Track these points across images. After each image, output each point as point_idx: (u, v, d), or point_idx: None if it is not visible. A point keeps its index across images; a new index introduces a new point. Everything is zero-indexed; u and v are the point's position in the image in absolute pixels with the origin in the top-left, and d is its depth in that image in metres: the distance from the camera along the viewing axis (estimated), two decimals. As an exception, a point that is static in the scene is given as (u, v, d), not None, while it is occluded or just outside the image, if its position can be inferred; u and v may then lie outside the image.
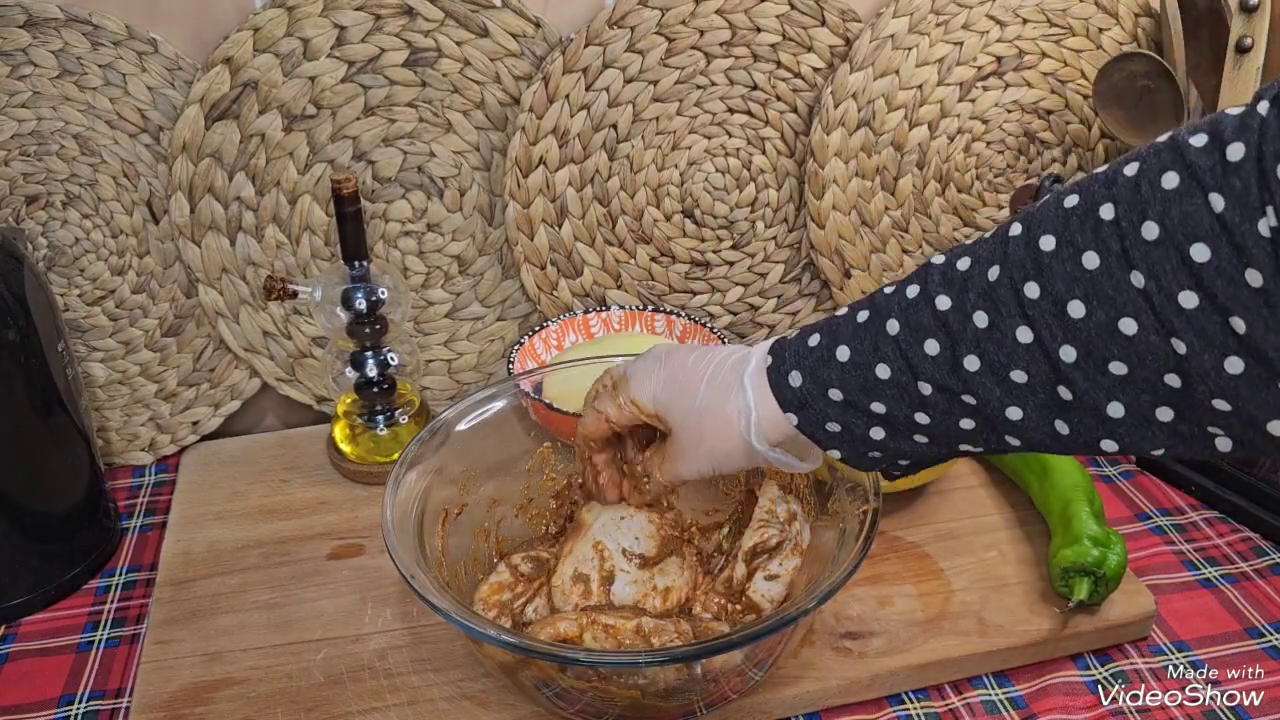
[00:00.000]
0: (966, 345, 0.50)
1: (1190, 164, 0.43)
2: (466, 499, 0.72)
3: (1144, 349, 0.45)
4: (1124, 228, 0.45)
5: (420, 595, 0.59)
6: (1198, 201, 0.43)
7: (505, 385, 0.78)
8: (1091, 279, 0.46)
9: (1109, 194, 0.46)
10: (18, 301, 0.73)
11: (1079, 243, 0.46)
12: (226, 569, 0.79)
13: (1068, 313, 0.47)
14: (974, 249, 0.51)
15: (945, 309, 0.50)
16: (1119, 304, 0.45)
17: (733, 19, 0.90)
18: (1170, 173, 0.44)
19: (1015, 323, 0.48)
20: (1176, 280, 0.44)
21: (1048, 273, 0.47)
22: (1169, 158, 0.45)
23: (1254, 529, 0.83)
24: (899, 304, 0.53)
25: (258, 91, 0.85)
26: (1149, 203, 0.44)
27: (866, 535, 0.61)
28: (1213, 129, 0.44)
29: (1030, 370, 0.49)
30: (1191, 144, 0.44)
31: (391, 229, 0.93)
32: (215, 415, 0.95)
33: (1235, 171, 0.42)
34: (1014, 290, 0.48)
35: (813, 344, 0.56)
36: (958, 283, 0.50)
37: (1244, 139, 0.42)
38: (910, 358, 0.52)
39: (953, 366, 0.50)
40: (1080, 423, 0.49)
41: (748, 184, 0.97)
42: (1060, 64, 0.97)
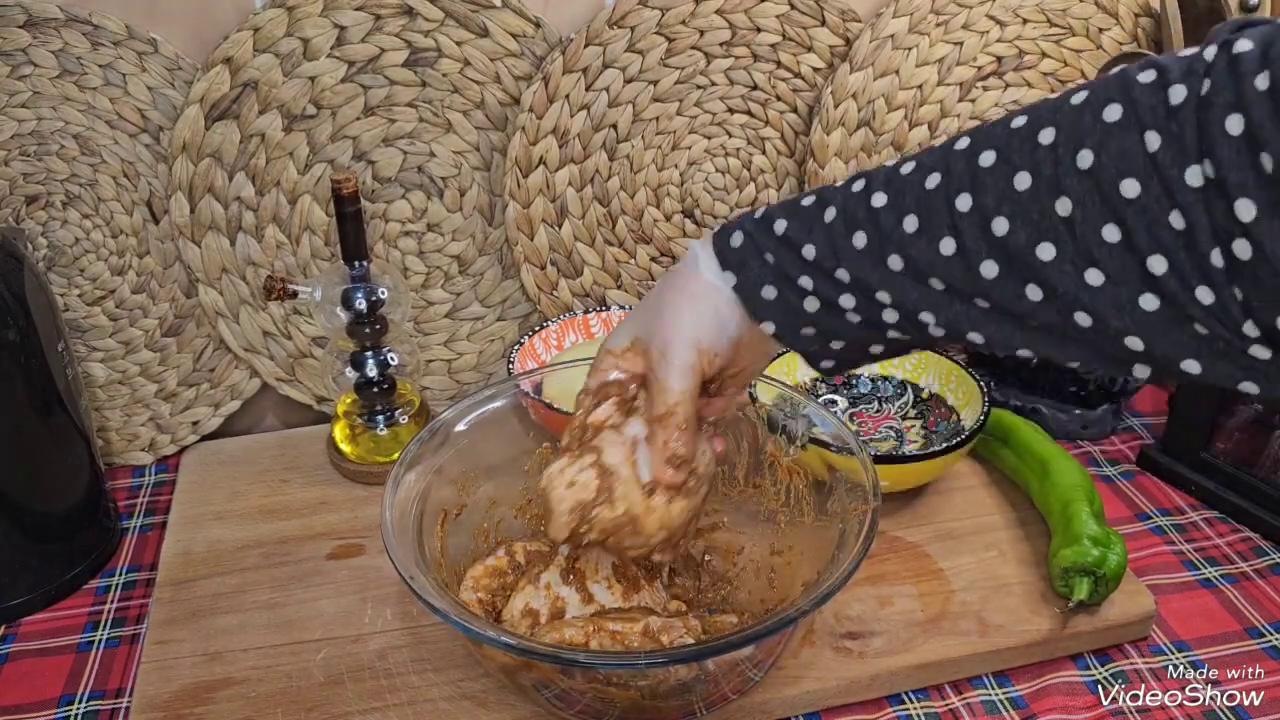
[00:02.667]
0: (893, 244, 0.51)
1: (1134, 100, 0.44)
2: (466, 499, 0.72)
3: (1058, 277, 0.46)
4: (1060, 154, 0.45)
5: (420, 596, 0.59)
6: (1134, 138, 0.43)
7: (505, 385, 0.78)
8: (1019, 199, 0.47)
9: (1052, 119, 0.46)
10: (18, 301, 0.73)
11: (1015, 161, 0.47)
12: (226, 569, 0.79)
13: (992, 229, 0.47)
14: (922, 155, 0.52)
15: (879, 206, 0.51)
16: (1041, 228, 0.46)
17: (733, 19, 0.90)
18: (1114, 105, 0.44)
19: (942, 232, 0.49)
20: (1101, 213, 0.44)
21: (980, 187, 0.48)
22: (1115, 90, 0.45)
23: (1254, 529, 0.83)
24: (842, 194, 0.54)
25: (258, 91, 0.85)
26: (1088, 132, 0.45)
27: (866, 535, 0.61)
28: (1160, 68, 0.44)
29: (949, 279, 0.49)
30: (1139, 80, 0.44)
31: (391, 229, 0.93)
32: (215, 415, 0.95)
33: (1174, 115, 0.43)
34: (947, 200, 0.49)
35: (758, 215, 0.56)
36: (896, 184, 0.51)
37: (1187, 83, 0.43)
38: (837, 245, 0.53)
39: (875, 262, 0.52)
40: (998, 331, 0.50)
41: (748, 184, 0.97)
42: (1060, 64, 0.97)
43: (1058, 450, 0.82)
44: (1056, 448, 0.83)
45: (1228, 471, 0.85)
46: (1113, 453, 0.93)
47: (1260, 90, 0.40)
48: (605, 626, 0.62)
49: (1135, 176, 0.43)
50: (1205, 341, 0.44)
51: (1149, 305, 0.44)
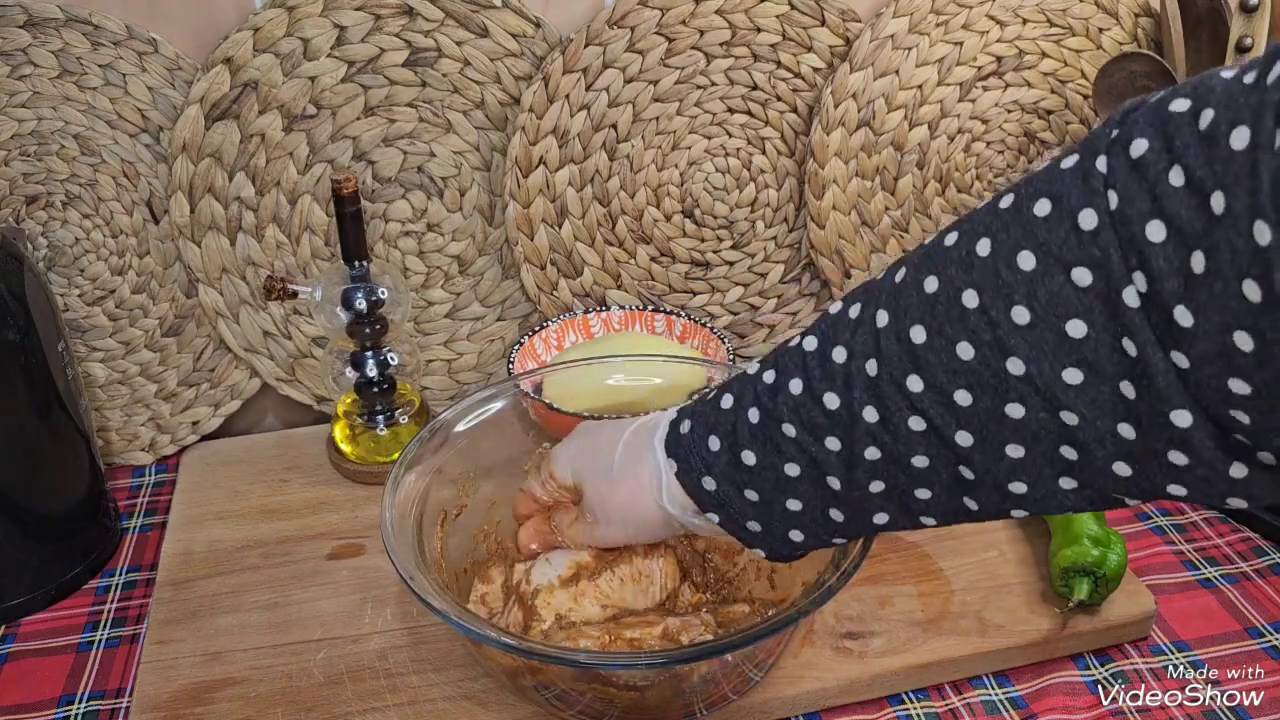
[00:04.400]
0: (864, 440, 0.50)
1: (1043, 242, 0.43)
2: (465, 500, 0.72)
3: (1036, 427, 0.45)
4: (993, 316, 0.44)
5: (420, 597, 0.59)
6: (1060, 280, 0.42)
7: (505, 385, 0.78)
8: (970, 369, 0.45)
9: (969, 279, 0.45)
10: (18, 301, 0.73)
11: (949, 334, 0.46)
12: (226, 569, 0.79)
13: (955, 402, 0.46)
14: (845, 337, 0.50)
15: (835, 408, 0.50)
16: (1002, 390, 0.45)
17: (733, 19, 0.90)
18: (1025, 252, 0.43)
19: (906, 414, 0.48)
20: (1057, 360, 0.43)
21: (926, 366, 0.47)
22: (1019, 234, 0.43)
23: (1254, 529, 0.83)
24: (788, 404, 0.52)
25: (258, 91, 0.85)
26: (1013, 287, 0.43)
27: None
28: (1052, 196, 0.43)
29: (930, 455, 0.49)
30: (1037, 215, 0.43)
31: (391, 229, 0.93)
32: (215, 415, 0.95)
33: (1093, 240, 0.41)
34: (897, 385, 0.48)
35: (714, 448, 0.55)
36: (840, 378, 0.50)
37: (1092, 204, 0.41)
38: (815, 455, 0.52)
39: (853, 461, 0.50)
40: (988, 498, 0.49)
41: (748, 184, 0.97)
42: (1060, 64, 0.97)
43: (1058, 450, 0.82)
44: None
45: (1228, 471, 0.85)
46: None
47: (1177, 187, 0.38)
48: (622, 635, 0.62)
49: (1077, 316, 0.42)
50: (1185, 468, 0.43)
51: (1128, 434, 0.43)
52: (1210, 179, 0.37)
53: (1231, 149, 0.37)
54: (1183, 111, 0.39)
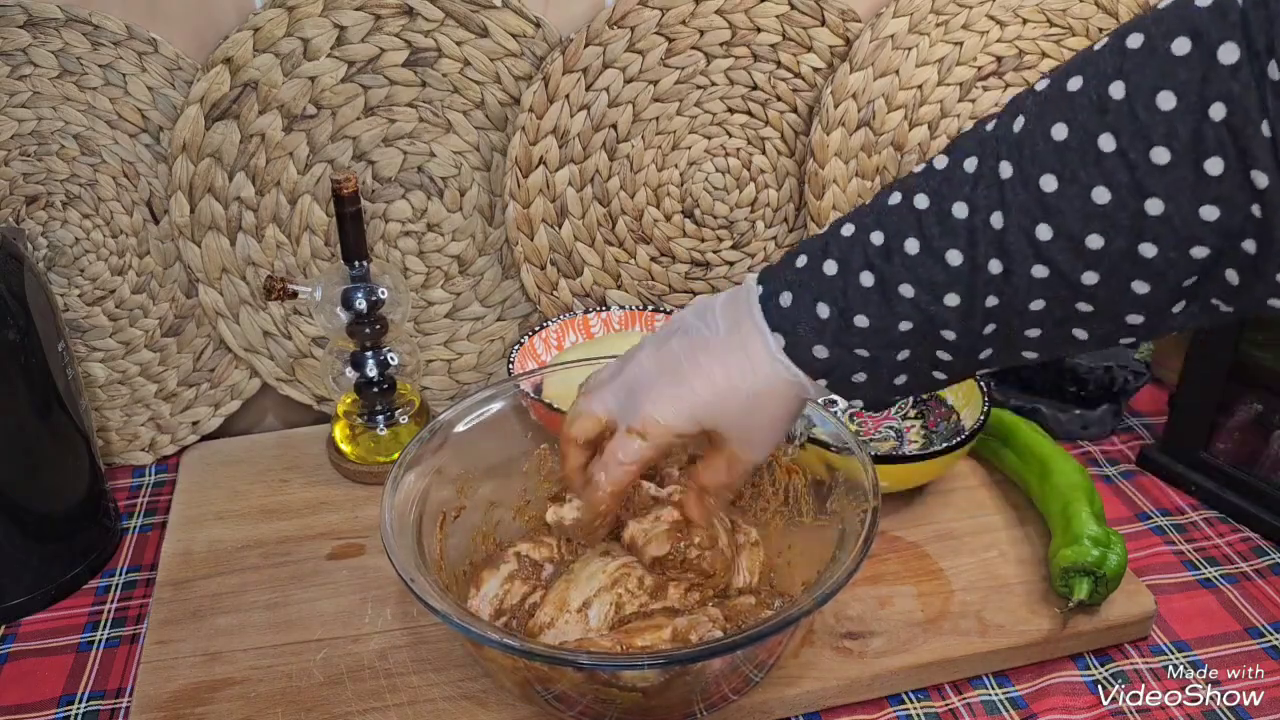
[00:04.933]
0: (983, 291, 0.50)
1: (1183, 82, 0.43)
2: (465, 501, 0.72)
3: (1165, 265, 0.46)
4: (1132, 158, 0.44)
5: (420, 598, 0.58)
6: (1197, 117, 0.43)
7: (505, 385, 0.77)
8: (1105, 213, 0.45)
9: (1104, 122, 0.45)
10: (18, 301, 0.73)
11: (1084, 179, 0.46)
12: (226, 569, 0.79)
13: (1086, 246, 0.46)
14: (965, 191, 0.49)
15: (958, 264, 0.50)
16: (1137, 231, 0.45)
17: (733, 19, 0.90)
18: (1165, 92, 0.43)
19: (1031, 264, 0.48)
20: (1195, 197, 0.44)
21: (1056, 214, 0.47)
22: (1157, 74, 0.44)
23: (1254, 529, 0.83)
24: (904, 264, 0.51)
25: (258, 91, 0.85)
26: (1151, 128, 0.44)
27: (866, 535, 0.61)
28: (1192, 31, 0.43)
29: (1049, 297, 0.49)
30: (1175, 54, 0.43)
31: (391, 229, 0.93)
32: (215, 415, 0.95)
33: (1232, 76, 0.42)
34: (1025, 236, 0.48)
35: (825, 315, 0.54)
36: (963, 234, 0.49)
37: (1232, 38, 0.42)
38: (932, 313, 0.51)
39: (971, 312, 0.51)
40: (1100, 328, 0.50)
41: (748, 184, 0.97)
42: (1060, 64, 0.96)
43: (1058, 450, 0.82)
44: (1056, 448, 0.83)
45: (1228, 471, 0.85)
46: (1113, 453, 0.93)
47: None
48: (633, 644, 0.62)
49: (1216, 154, 0.43)
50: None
51: (1249, 248, 0.44)
52: None
53: None
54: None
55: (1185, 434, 0.87)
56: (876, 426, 0.92)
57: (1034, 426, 0.87)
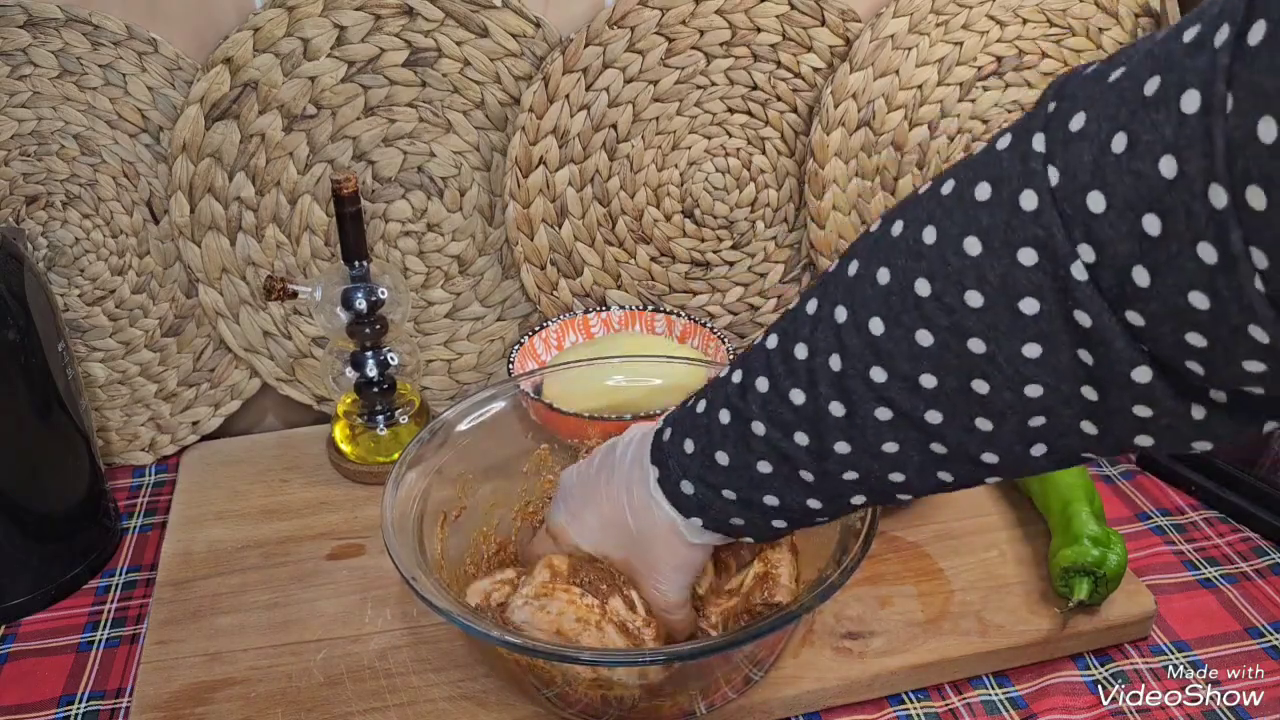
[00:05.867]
0: (833, 433, 0.51)
1: (987, 227, 0.43)
2: (466, 500, 0.72)
3: (1002, 403, 0.46)
4: (947, 301, 0.45)
5: (422, 598, 0.59)
6: (1007, 261, 0.43)
7: (505, 385, 0.78)
8: (932, 354, 0.46)
9: (920, 268, 0.46)
10: (18, 301, 0.73)
11: (907, 323, 0.46)
12: (226, 569, 0.79)
13: (921, 385, 0.47)
14: (805, 335, 0.51)
15: (801, 403, 0.51)
16: (966, 369, 0.46)
17: (733, 19, 0.90)
18: (970, 238, 0.44)
19: (872, 405, 0.49)
20: (1014, 337, 0.44)
21: (887, 357, 0.48)
22: (963, 220, 0.44)
23: (1254, 529, 0.83)
24: (756, 402, 0.53)
25: (258, 91, 0.85)
26: (962, 272, 0.44)
27: (866, 535, 0.61)
28: (992, 177, 0.43)
29: (900, 439, 0.49)
30: (978, 199, 0.44)
31: (391, 229, 0.93)
32: (215, 415, 0.95)
33: (1034, 221, 0.41)
34: (861, 378, 0.49)
35: (689, 450, 0.57)
36: (803, 374, 0.51)
37: (1032, 185, 0.42)
38: (785, 451, 0.53)
39: (824, 453, 0.51)
40: (961, 470, 0.50)
41: (748, 184, 0.97)
42: (1060, 64, 0.97)
43: (1058, 450, 0.82)
44: (1056, 448, 0.83)
45: (1228, 471, 0.85)
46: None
47: (1119, 154, 0.39)
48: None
49: (1028, 295, 0.43)
50: (1150, 419, 0.44)
51: (1091, 396, 0.44)
52: (1159, 143, 0.37)
53: (1183, 113, 0.36)
54: (1120, 78, 0.40)
55: (1185, 434, 0.87)
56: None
57: (1034, 426, 0.87)
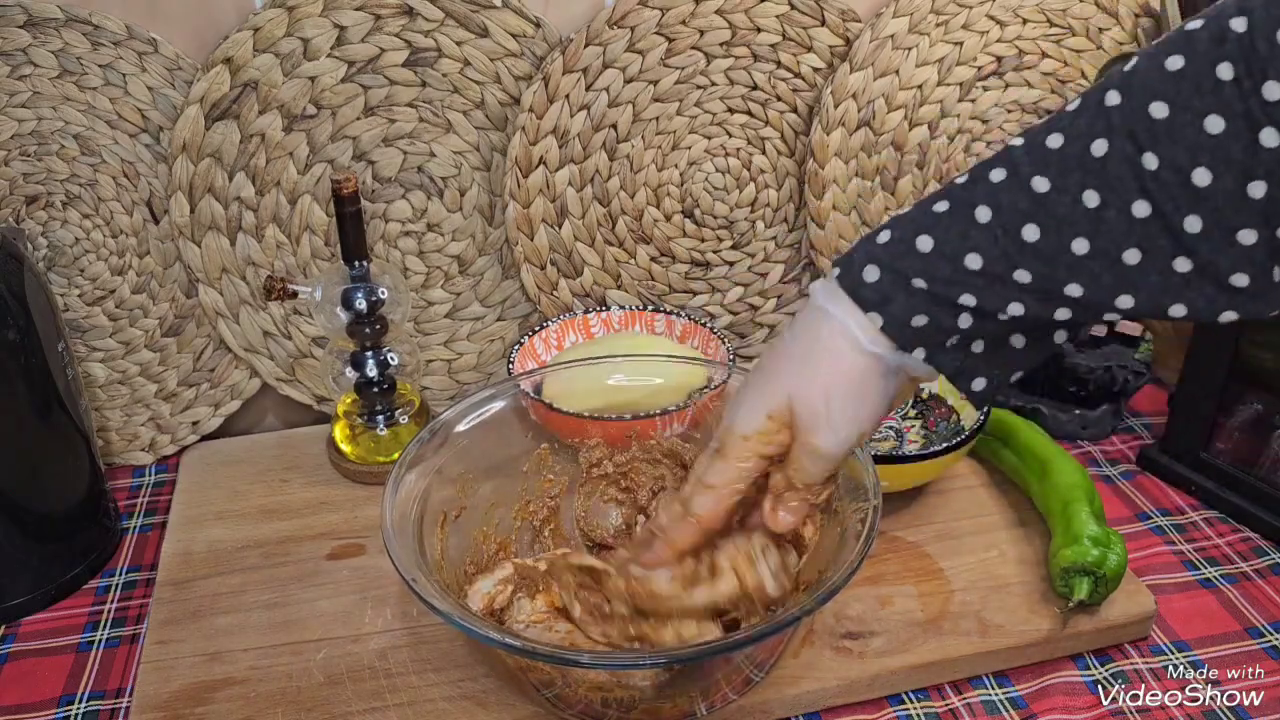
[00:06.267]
0: (1074, 227, 0.47)
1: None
2: (466, 500, 0.72)
3: (1270, 207, 0.44)
4: (1246, 87, 0.43)
5: (422, 598, 0.58)
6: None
7: (505, 385, 0.78)
8: (1218, 143, 0.44)
9: (1222, 52, 0.44)
10: (18, 301, 0.73)
11: (1197, 106, 0.44)
12: (226, 569, 0.79)
13: (1192, 181, 0.45)
14: (1063, 125, 0.48)
15: (1044, 190, 0.47)
16: (1250, 167, 0.44)
17: (733, 19, 0.90)
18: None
19: (1132, 197, 0.46)
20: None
21: (1165, 141, 0.45)
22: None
23: (1254, 529, 0.83)
24: (987, 188, 0.49)
25: (258, 91, 0.85)
26: (1269, 60, 0.43)
27: (866, 535, 0.61)
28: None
29: (1145, 247, 0.46)
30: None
31: (391, 229, 0.93)
32: (215, 415, 0.95)
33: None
34: (1129, 162, 0.46)
35: (883, 240, 0.51)
36: (1054, 162, 0.47)
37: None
38: (1007, 246, 0.48)
39: (1057, 250, 0.47)
40: (1203, 295, 0.47)
41: (748, 184, 0.97)
42: (1060, 64, 0.97)
43: (1058, 450, 0.82)
44: (1056, 448, 0.83)
45: (1228, 471, 0.85)
46: (1113, 453, 0.93)
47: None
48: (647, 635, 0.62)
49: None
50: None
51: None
52: None
53: None
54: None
55: (1185, 434, 0.87)
56: (876, 426, 0.91)
57: (1034, 426, 0.87)
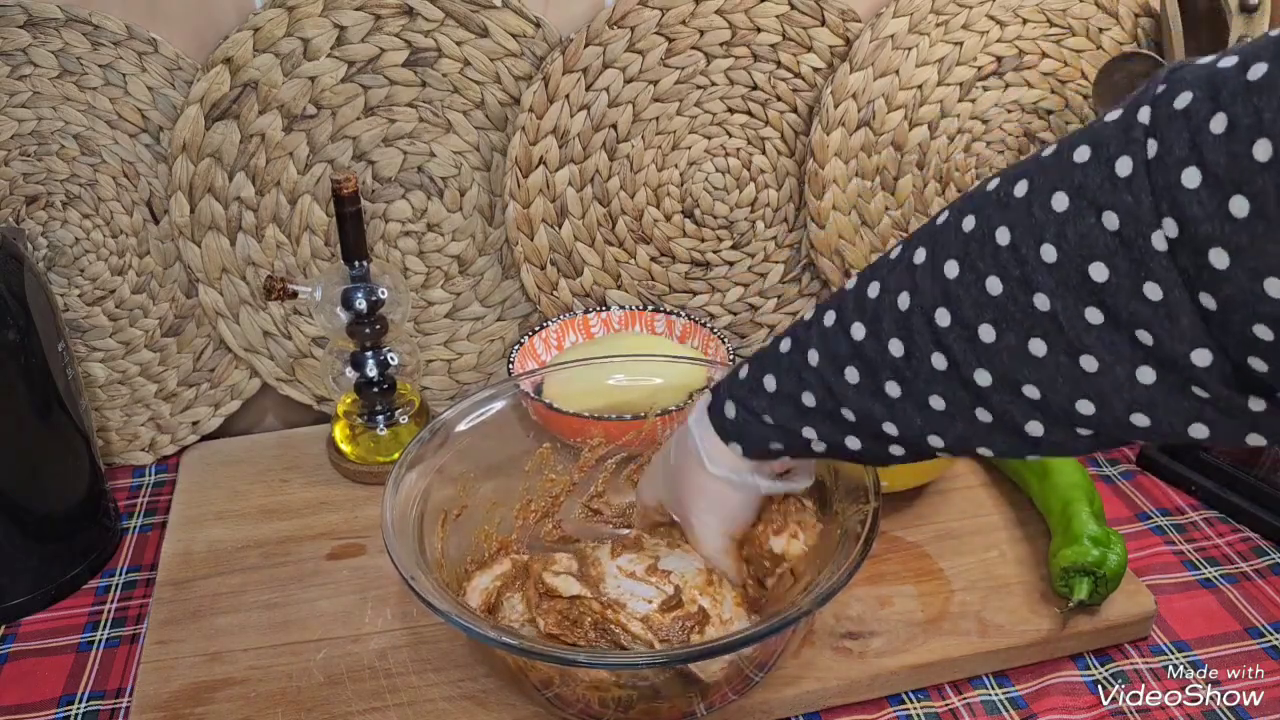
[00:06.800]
0: (885, 372, 0.52)
1: (1078, 184, 0.44)
2: (466, 500, 0.72)
3: (1054, 370, 0.46)
4: (1023, 252, 0.46)
5: (421, 598, 0.59)
6: (1090, 221, 0.43)
7: (505, 385, 0.78)
8: (997, 304, 0.47)
9: (1003, 217, 0.47)
10: (18, 301, 0.73)
11: (981, 269, 0.47)
12: (226, 569, 0.79)
13: (979, 337, 0.48)
14: (881, 275, 0.53)
15: (860, 338, 0.52)
16: (1027, 326, 0.46)
17: (733, 19, 0.90)
18: (1059, 193, 0.44)
19: (930, 349, 0.50)
20: (1080, 299, 0.44)
21: (955, 300, 0.48)
22: (1056, 177, 0.45)
23: (1254, 529, 0.83)
24: (816, 332, 0.55)
25: (258, 91, 0.85)
26: (1044, 226, 0.45)
27: (866, 535, 0.62)
28: (1094, 143, 0.44)
29: (947, 397, 0.50)
30: (1076, 161, 0.44)
31: (391, 229, 0.93)
32: (215, 415, 0.95)
33: (1126, 186, 0.42)
34: (925, 318, 0.50)
35: (743, 376, 0.59)
36: (869, 310, 0.52)
37: (1130, 151, 0.42)
38: (832, 387, 0.54)
39: (874, 392, 0.53)
40: (1005, 441, 0.51)
41: (748, 184, 0.97)
42: (1060, 64, 0.97)
43: (1058, 450, 0.82)
44: (1056, 448, 0.83)
45: (1228, 471, 0.85)
46: (1113, 453, 0.93)
47: (1217, 134, 0.39)
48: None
49: (1101, 259, 0.43)
50: (1207, 403, 0.44)
51: (1146, 379, 0.44)
52: (1256, 127, 0.38)
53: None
54: (1231, 66, 0.40)
55: (1185, 434, 0.87)
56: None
57: (1034, 426, 0.86)
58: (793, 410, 0.56)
